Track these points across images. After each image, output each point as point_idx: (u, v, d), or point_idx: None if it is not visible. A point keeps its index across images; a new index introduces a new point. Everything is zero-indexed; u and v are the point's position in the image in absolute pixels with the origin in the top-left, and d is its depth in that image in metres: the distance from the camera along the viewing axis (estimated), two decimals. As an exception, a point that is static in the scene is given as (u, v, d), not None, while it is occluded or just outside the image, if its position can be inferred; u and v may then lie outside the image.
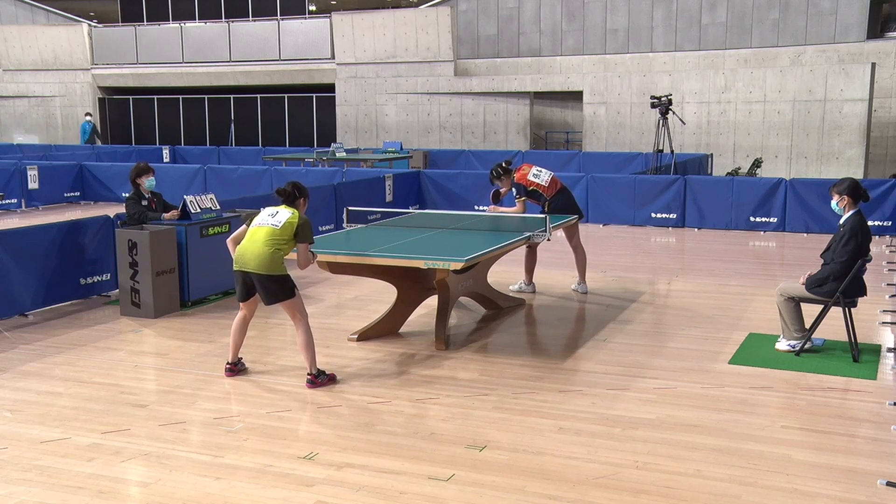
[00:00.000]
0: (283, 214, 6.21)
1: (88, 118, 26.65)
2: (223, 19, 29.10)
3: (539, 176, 9.10)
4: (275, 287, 6.15)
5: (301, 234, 6.19)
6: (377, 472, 4.77)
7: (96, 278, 8.98)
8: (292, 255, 6.34)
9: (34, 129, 30.97)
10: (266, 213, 6.30)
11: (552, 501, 4.42)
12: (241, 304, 6.44)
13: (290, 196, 6.32)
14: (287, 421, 5.57)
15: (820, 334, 7.08)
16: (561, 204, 9.10)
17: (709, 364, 6.73)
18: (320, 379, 6.25)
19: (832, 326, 7.06)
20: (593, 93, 23.59)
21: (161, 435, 5.34)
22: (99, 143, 26.69)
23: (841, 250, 6.71)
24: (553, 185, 9.11)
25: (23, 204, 16.79)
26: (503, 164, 9.19)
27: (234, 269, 6.28)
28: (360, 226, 8.40)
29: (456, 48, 26.11)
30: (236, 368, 6.55)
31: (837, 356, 6.86)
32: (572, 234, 9.19)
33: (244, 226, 6.38)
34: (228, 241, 6.44)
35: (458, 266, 6.60)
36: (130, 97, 30.30)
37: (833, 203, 6.93)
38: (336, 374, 6.45)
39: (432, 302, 7.72)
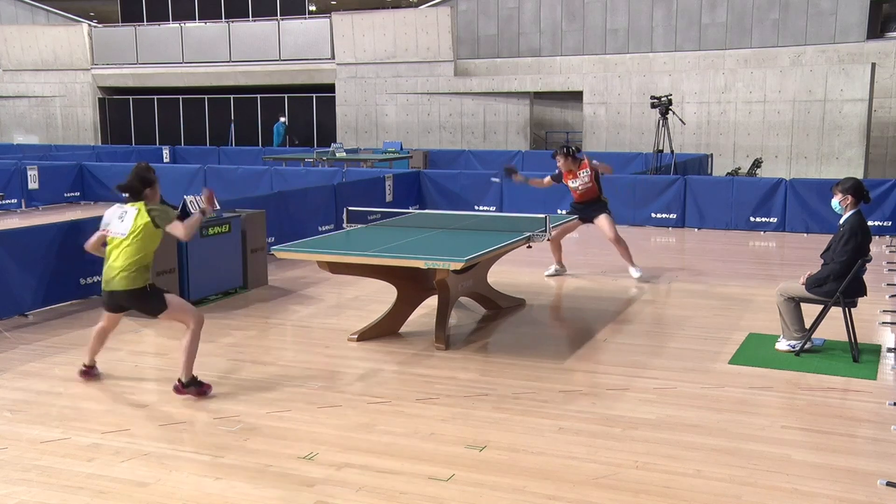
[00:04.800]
0: (129, 216, 5.75)
1: (282, 119, 25.90)
2: (223, 19, 29.11)
3: (576, 181, 9.86)
4: (145, 302, 5.86)
5: (160, 219, 5.76)
6: (377, 472, 4.77)
7: (96, 278, 8.95)
8: None
9: (34, 129, 30.98)
10: (115, 216, 5.82)
11: (552, 501, 4.42)
12: (106, 314, 6.15)
13: (133, 190, 5.80)
14: (287, 421, 5.57)
15: (820, 334, 7.08)
16: (575, 212, 9.91)
17: (709, 364, 6.73)
18: (187, 389, 5.89)
19: (832, 326, 7.06)
20: (593, 93, 23.60)
21: (161, 435, 5.34)
22: (287, 143, 25.40)
23: (841, 250, 6.70)
24: (579, 194, 9.88)
25: (23, 204, 16.79)
26: (574, 148, 10.09)
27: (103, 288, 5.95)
28: (360, 226, 8.40)
29: (456, 48, 26.12)
30: (92, 372, 6.34)
31: (837, 356, 6.86)
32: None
33: (97, 234, 5.98)
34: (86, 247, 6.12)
35: (458, 266, 6.60)
36: (130, 97, 30.31)
37: (835, 201, 6.90)
38: (211, 386, 6.06)
39: (432, 302, 7.71)
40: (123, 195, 5.86)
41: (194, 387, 5.94)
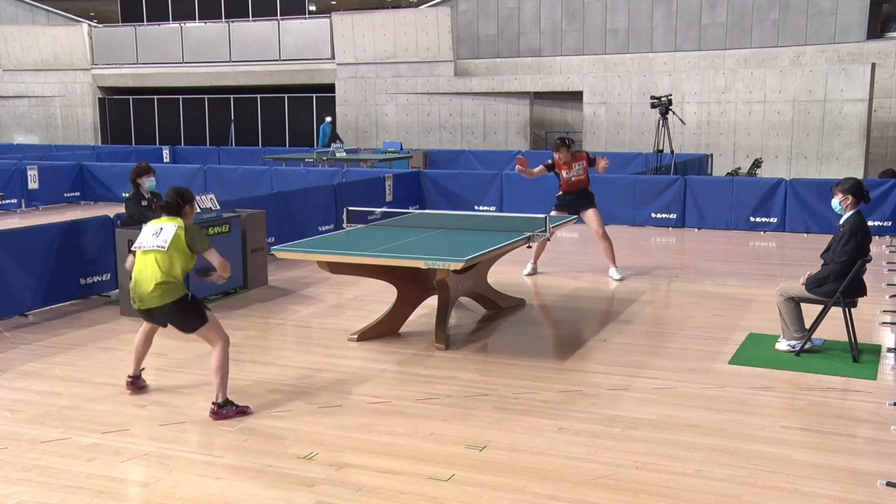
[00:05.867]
0: (167, 231, 5.61)
1: (328, 119, 24.91)
2: (223, 19, 29.10)
3: (570, 172, 10.00)
4: (185, 316, 5.69)
5: (197, 243, 5.66)
6: (377, 472, 4.77)
7: (96, 278, 8.98)
8: None
9: (34, 129, 30.97)
10: (150, 231, 5.67)
11: (552, 501, 4.42)
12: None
13: (173, 207, 5.73)
14: (287, 421, 5.57)
15: (820, 334, 7.08)
16: (564, 204, 10.00)
17: (709, 364, 6.73)
18: (225, 410, 5.60)
19: (832, 326, 7.06)
20: (593, 93, 23.59)
21: (161, 435, 5.34)
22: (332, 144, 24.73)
23: (841, 250, 6.70)
24: (569, 184, 9.99)
25: (23, 204, 16.78)
26: (570, 140, 10.23)
27: (134, 307, 5.78)
28: (360, 226, 8.40)
29: (456, 48, 26.11)
30: (137, 383, 6.14)
31: (837, 356, 6.86)
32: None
33: (131, 255, 5.84)
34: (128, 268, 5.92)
35: (458, 266, 6.60)
36: (130, 97, 30.29)
37: (836, 202, 6.90)
38: (249, 406, 5.77)
39: (432, 302, 7.71)
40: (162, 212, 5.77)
41: (232, 407, 5.62)
